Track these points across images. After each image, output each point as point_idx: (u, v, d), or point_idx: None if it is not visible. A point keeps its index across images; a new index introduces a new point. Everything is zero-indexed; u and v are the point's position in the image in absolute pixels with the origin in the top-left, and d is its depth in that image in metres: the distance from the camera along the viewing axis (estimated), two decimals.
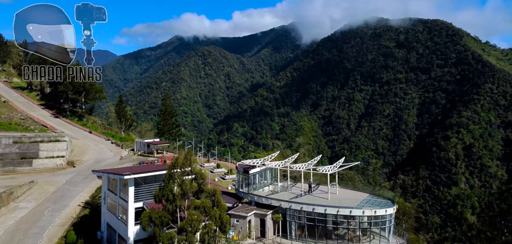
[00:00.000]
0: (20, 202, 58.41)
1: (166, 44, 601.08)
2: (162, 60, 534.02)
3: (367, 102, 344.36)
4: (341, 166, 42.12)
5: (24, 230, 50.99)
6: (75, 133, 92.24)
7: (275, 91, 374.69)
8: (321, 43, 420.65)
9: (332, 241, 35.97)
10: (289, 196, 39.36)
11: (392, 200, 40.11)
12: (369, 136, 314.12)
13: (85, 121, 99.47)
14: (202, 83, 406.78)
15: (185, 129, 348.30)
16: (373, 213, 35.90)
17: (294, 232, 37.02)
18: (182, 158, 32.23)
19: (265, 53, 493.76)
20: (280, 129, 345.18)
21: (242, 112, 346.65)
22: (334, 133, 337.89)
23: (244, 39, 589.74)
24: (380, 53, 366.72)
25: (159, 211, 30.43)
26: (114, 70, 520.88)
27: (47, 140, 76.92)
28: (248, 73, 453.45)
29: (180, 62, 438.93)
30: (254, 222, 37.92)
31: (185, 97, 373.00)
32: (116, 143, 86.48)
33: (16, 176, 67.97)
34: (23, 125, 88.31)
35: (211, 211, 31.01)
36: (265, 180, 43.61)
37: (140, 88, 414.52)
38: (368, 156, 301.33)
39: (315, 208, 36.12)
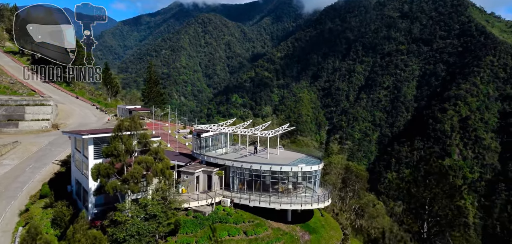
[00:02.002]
0: (4, 160, 63.06)
1: (166, 11, 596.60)
2: (161, 27, 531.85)
3: (367, 74, 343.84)
4: (284, 131, 45.47)
5: (6, 185, 55.79)
6: (62, 98, 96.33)
7: (276, 62, 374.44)
8: (324, 12, 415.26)
9: (268, 193, 40.23)
10: (235, 157, 43.26)
11: (320, 159, 44.29)
12: (367, 108, 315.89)
13: (73, 87, 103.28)
14: (202, 52, 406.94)
15: (185, 98, 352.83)
16: (300, 169, 40.08)
17: (236, 186, 41.32)
18: (128, 121, 36.00)
19: (267, 21, 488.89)
20: (280, 100, 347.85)
21: (242, 82, 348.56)
22: (332, 105, 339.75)
23: (245, 6, 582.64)
24: (383, 24, 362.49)
25: (105, 164, 34.48)
26: (114, 37, 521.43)
27: (33, 103, 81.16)
28: (249, 42, 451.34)
29: (180, 30, 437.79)
30: (202, 178, 42.07)
31: (185, 66, 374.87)
32: (100, 108, 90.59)
33: (2, 137, 72.52)
34: (12, 89, 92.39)
35: (152, 166, 35.03)
36: (219, 143, 47.46)
37: (140, 56, 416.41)
38: (365, 127, 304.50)
39: (252, 166, 40.19)
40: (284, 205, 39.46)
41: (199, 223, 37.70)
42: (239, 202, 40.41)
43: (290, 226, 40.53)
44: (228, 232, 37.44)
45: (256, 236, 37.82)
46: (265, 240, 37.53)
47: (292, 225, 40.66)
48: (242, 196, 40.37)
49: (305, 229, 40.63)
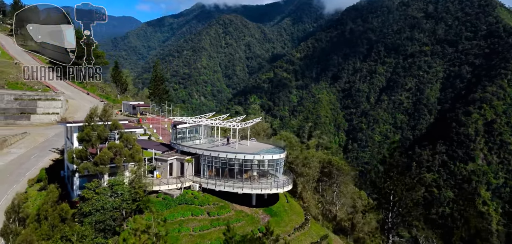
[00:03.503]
0: (12, 148, 69.53)
1: (188, 12, 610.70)
2: (184, 28, 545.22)
3: (389, 75, 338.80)
4: (253, 124, 48.39)
5: (11, 170, 61.81)
6: (74, 94, 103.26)
7: (295, 62, 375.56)
8: (346, 12, 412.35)
9: (234, 179, 43.39)
10: (207, 146, 46.73)
11: (283, 148, 46.89)
12: (388, 110, 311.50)
13: (85, 84, 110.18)
14: (222, 52, 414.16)
15: (204, 98, 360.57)
16: (262, 158, 43.01)
17: (205, 172, 44.77)
18: (100, 110, 40.35)
19: (287, 22, 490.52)
20: (298, 101, 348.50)
21: (260, 83, 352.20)
22: (352, 107, 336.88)
23: (266, 7, 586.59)
24: (406, 24, 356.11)
25: (78, 149, 38.88)
26: (138, 37, 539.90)
27: (44, 98, 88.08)
28: (269, 43, 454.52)
29: (201, 31, 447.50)
30: (176, 165, 45.76)
31: (206, 67, 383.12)
32: (107, 104, 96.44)
33: (15, 128, 79.53)
34: (28, 85, 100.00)
35: (122, 151, 39.07)
36: (197, 134, 51.06)
37: (163, 56, 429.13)
38: (386, 130, 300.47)
39: (219, 154, 43.52)
40: (246, 189, 42.62)
41: (166, 204, 41.44)
42: (206, 187, 43.84)
43: (253, 209, 43.59)
44: (192, 212, 40.97)
45: (218, 216, 41.12)
46: (227, 220, 40.70)
47: (256, 209, 43.70)
48: (209, 182, 43.82)
49: (267, 212, 43.54)
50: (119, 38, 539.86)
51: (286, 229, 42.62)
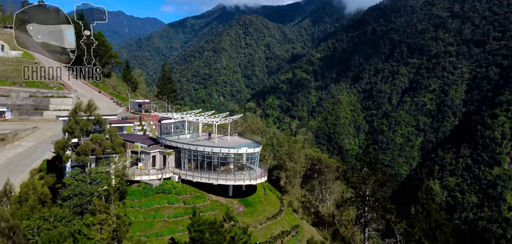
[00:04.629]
0: (22, 141, 74.92)
1: (210, 13, 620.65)
2: (205, 29, 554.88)
3: (412, 76, 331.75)
4: (234, 120, 50.54)
5: (18, 161, 66.78)
6: (86, 91, 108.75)
7: (315, 63, 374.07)
8: (368, 12, 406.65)
9: (211, 171, 45.73)
10: (188, 141, 49.31)
11: (259, 143, 48.63)
12: (411, 112, 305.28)
13: (98, 83, 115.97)
14: (242, 53, 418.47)
15: (224, 98, 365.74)
16: (237, 152, 45.03)
17: (185, 165, 47.35)
18: (85, 105, 43.80)
19: (308, 22, 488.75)
20: (317, 102, 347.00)
21: (279, 83, 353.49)
22: (373, 108, 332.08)
23: (286, 7, 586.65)
24: (431, 24, 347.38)
25: (62, 140, 42.41)
26: (161, 38, 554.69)
27: (57, 96, 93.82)
28: (289, 43, 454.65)
29: (222, 32, 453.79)
30: (159, 158, 48.60)
31: (225, 67, 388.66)
32: (116, 102, 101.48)
33: (28, 123, 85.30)
34: (44, 83, 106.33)
35: (102, 142, 42.27)
36: (183, 129, 53.73)
37: (184, 57, 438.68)
38: (408, 132, 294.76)
39: (197, 148, 45.94)
40: (221, 180, 44.89)
41: (145, 192, 44.33)
42: (185, 178, 46.41)
43: (228, 199, 45.82)
44: (168, 200, 43.63)
45: (194, 205, 43.51)
46: (201, 209, 43.04)
47: (231, 199, 45.92)
48: (187, 173, 46.39)
49: (242, 203, 45.62)
50: (143, 39, 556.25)
51: (259, 218, 44.50)
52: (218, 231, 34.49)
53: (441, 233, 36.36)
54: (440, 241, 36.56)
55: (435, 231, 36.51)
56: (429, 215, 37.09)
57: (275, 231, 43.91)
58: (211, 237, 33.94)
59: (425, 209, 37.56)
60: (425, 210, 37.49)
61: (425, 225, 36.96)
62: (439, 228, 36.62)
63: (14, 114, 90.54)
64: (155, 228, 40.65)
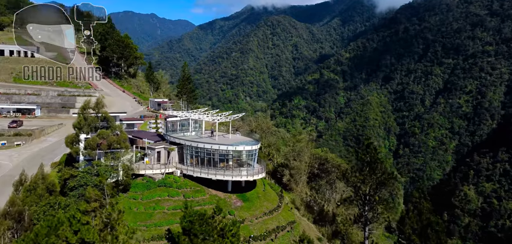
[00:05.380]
0: (48, 137, 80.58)
1: (238, 14, 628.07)
2: (233, 30, 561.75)
3: (447, 77, 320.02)
4: (234, 118, 52.26)
5: (43, 155, 72.04)
6: (111, 91, 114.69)
7: (344, 63, 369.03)
8: (400, 10, 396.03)
9: (211, 167, 47.67)
10: (191, 138, 51.58)
11: (258, 140, 49.78)
12: (445, 114, 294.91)
13: (123, 82, 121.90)
14: (269, 54, 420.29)
15: (250, 99, 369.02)
16: (234, 149, 46.60)
17: (187, 161, 49.55)
18: (94, 103, 47.04)
19: (337, 22, 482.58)
20: (346, 103, 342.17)
21: (306, 84, 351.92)
22: (405, 109, 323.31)
23: (315, 7, 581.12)
24: (467, 22, 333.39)
25: (71, 135, 45.83)
26: (191, 40, 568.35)
27: (83, 94, 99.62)
28: (317, 43, 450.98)
29: (249, 33, 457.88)
30: (163, 153, 51.17)
31: (252, 68, 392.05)
32: (138, 101, 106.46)
33: (55, 120, 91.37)
34: (73, 82, 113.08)
35: (108, 138, 45.27)
36: (188, 127, 56.09)
37: (212, 58, 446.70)
38: (441, 135, 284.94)
39: (198, 144, 48.01)
40: (219, 176, 46.74)
41: (147, 185, 46.96)
42: (186, 173, 48.67)
43: (227, 194, 47.60)
44: (169, 193, 46.02)
45: (193, 199, 45.67)
46: (200, 202, 45.08)
47: (230, 194, 47.67)
48: (189, 168, 48.59)
49: (240, 198, 47.23)
50: (174, 41, 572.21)
51: (255, 213, 45.89)
52: (207, 222, 36.24)
53: (432, 232, 36.11)
54: (431, 239, 36.32)
55: (426, 229, 36.32)
56: (421, 213, 36.90)
57: (271, 226, 45.10)
58: (200, 227, 35.75)
59: (417, 207, 37.41)
60: (417, 209, 37.33)
61: (416, 224, 36.84)
62: (430, 227, 36.38)
63: (43, 112, 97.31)
64: (155, 219, 43.08)
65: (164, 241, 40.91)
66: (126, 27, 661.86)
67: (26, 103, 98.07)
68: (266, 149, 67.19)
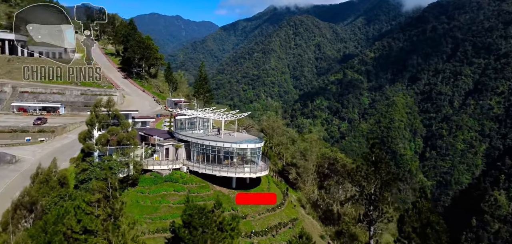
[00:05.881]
0: (70, 134, 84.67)
1: (261, 15, 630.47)
2: (256, 31, 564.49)
3: (477, 77, 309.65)
4: (240, 117, 53.61)
5: (63, 151, 75.89)
6: (132, 90, 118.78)
7: (368, 63, 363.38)
8: (428, 9, 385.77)
9: (218, 164, 49.35)
10: (197, 135, 53.31)
11: (260, 139, 50.75)
12: (474, 116, 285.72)
13: (143, 82, 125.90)
14: (291, 54, 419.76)
15: (271, 99, 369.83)
16: (238, 147, 47.81)
17: (194, 157, 51.32)
18: (105, 101, 49.59)
19: (362, 21, 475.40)
20: (370, 103, 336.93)
21: (328, 84, 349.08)
22: (432, 111, 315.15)
23: (339, 7, 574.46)
24: (500, 21, 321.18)
25: (84, 131, 48.51)
26: (214, 41, 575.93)
27: (104, 94, 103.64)
28: (341, 43, 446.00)
29: (271, 33, 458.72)
30: (171, 150, 53.11)
31: (274, 68, 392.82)
32: (156, 100, 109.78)
33: (78, 118, 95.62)
34: (96, 83, 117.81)
35: (118, 134, 47.63)
36: (197, 125, 57.90)
37: (235, 58, 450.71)
38: (471, 138, 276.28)
39: (204, 142, 49.66)
40: (223, 172, 48.16)
41: (155, 180, 49.04)
42: (192, 169, 50.41)
43: (231, 190, 49.00)
44: (175, 188, 47.85)
45: (198, 194, 47.38)
46: (204, 198, 46.65)
47: (234, 190, 48.96)
48: (194, 165, 50.33)
49: None
50: (198, 42, 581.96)
51: (258, 209, 47.02)
52: (207, 216, 37.72)
53: (432, 231, 35.94)
54: (431, 238, 36.15)
55: (425, 229, 36.18)
56: (420, 213, 36.78)
57: (273, 222, 46.05)
58: (200, 220, 37.29)
59: (416, 207, 37.31)
60: (416, 208, 37.24)
61: (415, 223, 36.75)
62: (430, 226, 36.19)
63: (67, 110, 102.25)
64: (160, 212, 45.03)
65: (168, 233, 42.69)
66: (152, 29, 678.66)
67: (51, 101, 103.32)
68: (277, 148, 68.12)
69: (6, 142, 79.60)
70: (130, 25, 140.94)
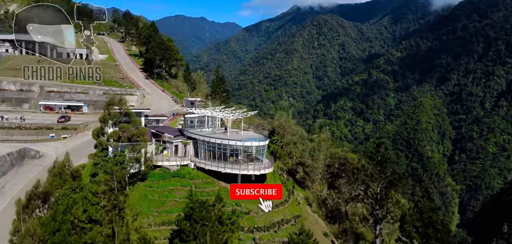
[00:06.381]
0: (89, 131, 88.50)
1: (284, 15, 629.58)
2: (279, 31, 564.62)
3: (511, 77, 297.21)
4: (247, 116, 54.93)
5: (84, 147, 79.77)
6: (152, 90, 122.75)
7: (394, 62, 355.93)
8: (459, 7, 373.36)
9: (224, 162, 50.98)
10: (205, 133, 55.09)
11: (266, 137, 51.88)
12: (508, 118, 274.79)
13: (164, 82, 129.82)
14: (314, 54, 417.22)
15: (293, 100, 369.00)
16: (243, 145, 49.13)
17: (201, 154, 53.14)
18: (117, 100, 52.20)
19: (388, 20, 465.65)
20: (396, 104, 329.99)
21: (352, 84, 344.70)
22: (462, 112, 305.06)
23: (365, 5, 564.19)
24: None
25: (97, 128, 51.27)
26: (237, 42, 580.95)
27: (125, 93, 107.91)
28: (366, 42, 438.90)
29: (294, 33, 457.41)
30: (180, 147, 55.16)
31: (296, 68, 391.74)
32: (174, 100, 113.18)
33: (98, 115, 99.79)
34: (119, 82, 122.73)
35: (128, 131, 50.08)
36: (206, 124, 59.73)
37: (257, 59, 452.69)
38: (503, 140, 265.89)
39: (210, 139, 51.38)
40: (228, 169, 49.69)
41: (163, 176, 51.19)
42: (199, 166, 52.22)
43: None
44: (181, 184, 49.77)
45: (203, 189, 49.20)
46: (210, 193, 48.30)
47: None
48: (201, 161, 52.16)
49: None
50: (221, 43, 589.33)
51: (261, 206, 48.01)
52: (207, 209, 39.22)
53: (434, 231, 35.84)
54: (433, 238, 36.05)
55: (427, 229, 36.12)
56: (422, 212, 36.73)
57: (276, 218, 47.04)
58: (200, 214, 38.84)
59: (418, 206, 37.28)
60: (418, 208, 37.21)
61: (417, 222, 36.76)
62: (431, 226, 36.09)
63: (90, 109, 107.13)
64: (167, 206, 47.06)
65: (173, 226, 44.56)
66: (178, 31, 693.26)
67: (76, 100, 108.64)
68: (287, 147, 69.01)
69: (32, 138, 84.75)
70: (151, 27, 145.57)
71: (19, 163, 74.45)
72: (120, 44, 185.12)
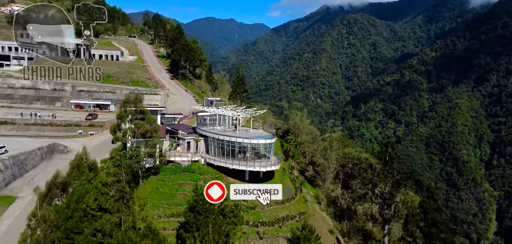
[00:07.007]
0: None
1: (313, 15, 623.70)
2: (307, 31, 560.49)
3: None
4: (256, 114, 56.46)
5: (109, 143, 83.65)
6: (176, 90, 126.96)
7: (429, 62, 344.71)
8: (499, 4, 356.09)
9: (233, 158, 52.75)
10: (216, 131, 57.20)
11: (273, 135, 53.06)
12: None
13: (187, 83, 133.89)
14: (344, 53, 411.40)
15: (321, 100, 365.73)
16: (249, 142, 50.77)
17: (212, 151, 55.31)
18: (133, 98, 55.32)
19: (423, 18, 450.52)
20: (430, 106, 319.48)
21: (384, 85, 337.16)
22: (502, 115, 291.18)
23: (398, 4, 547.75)
24: None
25: (114, 124, 54.59)
26: (265, 43, 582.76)
27: (150, 93, 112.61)
28: (399, 41, 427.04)
29: (323, 33, 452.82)
30: (192, 143, 57.59)
31: (324, 68, 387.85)
32: (196, 99, 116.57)
33: None
34: (145, 82, 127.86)
35: (142, 127, 53.06)
36: (218, 122, 61.93)
37: (285, 59, 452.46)
38: None
39: (219, 136, 53.42)
40: (236, 165, 51.42)
41: (174, 170, 53.79)
42: (209, 162, 54.42)
43: (244, 183, 51.75)
44: (191, 178, 52.15)
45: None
46: None
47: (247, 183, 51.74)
48: (211, 157, 54.35)
49: None
50: (249, 44, 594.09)
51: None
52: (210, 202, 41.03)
53: (438, 231, 35.71)
54: (436, 238, 35.94)
55: (431, 228, 36.05)
56: (427, 212, 36.64)
57: (281, 214, 48.23)
58: (203, 206, 40.77)
59: (422, 206, 37.23)
60: (423, 208, 37.16)
61: (421, 222, 36.75)
62: (435, 226, 35.98)
63: (116, 107, 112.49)
64: (176, 199, 49.55)
65: (181, 218, 46.84)
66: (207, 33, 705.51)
67: (104, 99, 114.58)
68: (301, 147, 69.79)
69: (61, 134, 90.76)
70: (177, 29, 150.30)
71: (49, 157, 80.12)
72: (149, 46, 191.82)
